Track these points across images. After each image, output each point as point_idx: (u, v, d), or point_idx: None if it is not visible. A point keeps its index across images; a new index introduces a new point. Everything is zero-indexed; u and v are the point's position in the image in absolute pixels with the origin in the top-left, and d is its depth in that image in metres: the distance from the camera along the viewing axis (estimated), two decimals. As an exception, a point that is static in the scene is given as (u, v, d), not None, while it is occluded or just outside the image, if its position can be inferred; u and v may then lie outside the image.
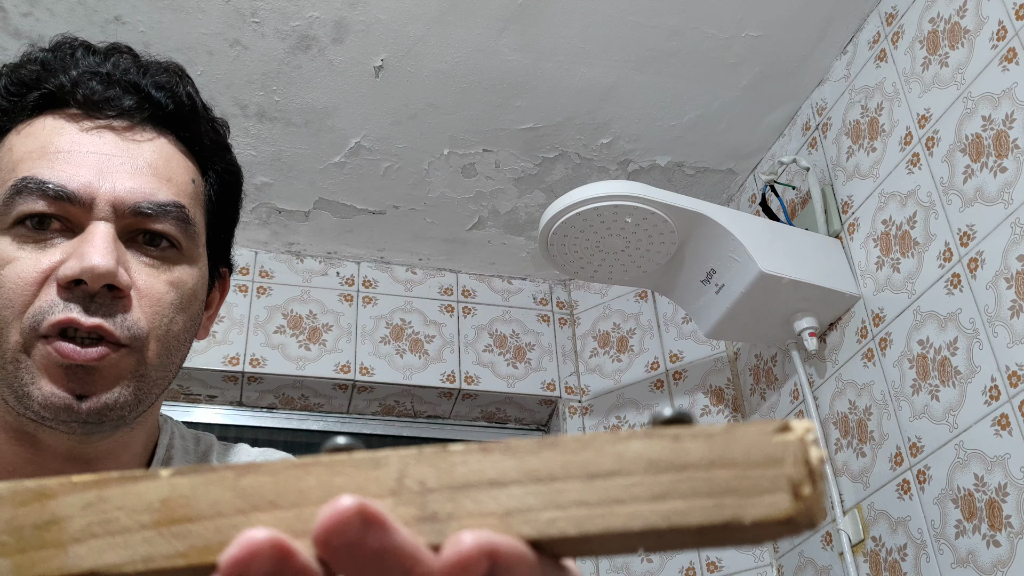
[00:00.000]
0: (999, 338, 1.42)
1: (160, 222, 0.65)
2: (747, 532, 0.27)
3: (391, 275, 2.40)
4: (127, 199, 0.64)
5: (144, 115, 0.67)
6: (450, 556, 0.26)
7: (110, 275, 0.61)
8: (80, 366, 0.61)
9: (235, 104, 1.93)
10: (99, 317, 0.61)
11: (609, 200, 1.67)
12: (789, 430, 0.27)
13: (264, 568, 0.26)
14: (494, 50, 1.86)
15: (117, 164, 0.65)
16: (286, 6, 1.74)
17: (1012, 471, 1.36)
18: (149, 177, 0.66)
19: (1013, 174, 1.44)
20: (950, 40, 1.61)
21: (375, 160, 2.10)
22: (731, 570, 2.00)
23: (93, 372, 0.61)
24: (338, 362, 2.23)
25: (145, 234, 0.65)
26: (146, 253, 0.65)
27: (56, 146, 0.64)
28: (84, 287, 0.61)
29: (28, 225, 0.63)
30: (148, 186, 0.65)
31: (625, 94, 1.98)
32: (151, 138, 0.68)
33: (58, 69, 0.67)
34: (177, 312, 0.66)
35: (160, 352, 0.65)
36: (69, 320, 0.60)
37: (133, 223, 0.65)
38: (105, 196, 0.63)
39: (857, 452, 1.72)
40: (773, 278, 1.70)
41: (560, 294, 2.51)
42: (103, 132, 0.66)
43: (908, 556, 1.55)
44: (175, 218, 0.66)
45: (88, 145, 0.65)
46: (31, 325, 0.61)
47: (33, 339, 0.61)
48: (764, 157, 2.16)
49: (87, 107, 0.66)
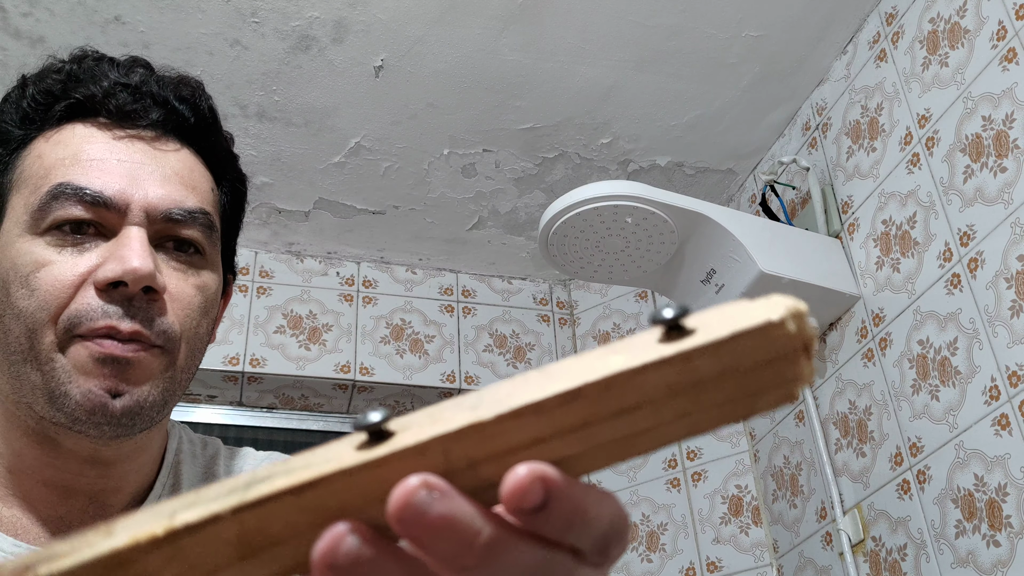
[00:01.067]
0: (999, 338, 1.42)
1: (189, 228, 0.68)
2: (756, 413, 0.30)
3: (391, 275, 2.40)
4: (159, 205, 0.66)
5: (169, 127, 0.70)
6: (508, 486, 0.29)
7: (150, 277, 0.63)
8: (117, 359, 0.62)
9: (235, 104, 1.93)
10: (137, 323, 0.63)
11: (609, 200, 1.67)
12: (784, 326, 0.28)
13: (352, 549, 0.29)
14: (494, 50, 1.86)
15: (148, 172, 0.67)
16: (286, 6, 1.74)
17: (1012, 471, 1.36)
18: (177, 185, 0.68)
19: (1013, 174, 1.44)
20: (950, 40, 1.61)
21: (375, 160, 2.10)
22: (731, 570, 2.00)
23: (129, 367, 0.63)
24: (338, 362, 2.23)
25: (173, 240, 0.68)
26: (175, 258, 0.68)
27: (89, 154, 0.67)
28: (123, 289, 0.63)
29: (65, 230, 0.64)
30: (178, 193, 0.68)
31: (625, 94, 1.98)
32: (176, 148, 0.70)
33: (86, 80, 0.69)
34: (202, 315, 0.69)
35: (187, 354, 0.68)
36: (109, 327, 0.62)
37: (164, 229, 0.67)
38: (139, 202, 0.66)
39: (857, 452, 1.72)
40: (773, 278, 1.70)
41: (560, 294, 2.51)
42: (133, 141, 0.68)
43: (908, 556, 1.55)
44: (202, 224, 0.69)
45: (120, 153, 0.67)
46: (66, 327, 0.62)
47: (68, 340, 0.62)
48: (764, 157, 2.16)
49: (118, 117, 0.69)
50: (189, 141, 0.72)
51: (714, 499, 2.08)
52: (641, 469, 2.19)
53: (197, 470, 0.75)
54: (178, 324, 0.66)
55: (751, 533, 2.01)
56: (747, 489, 2.05)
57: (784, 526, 1.93)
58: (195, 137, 0.72)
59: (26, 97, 0.70)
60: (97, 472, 0.67)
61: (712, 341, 0.28)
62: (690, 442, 2.16)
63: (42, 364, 0.63)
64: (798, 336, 0.28)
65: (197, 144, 0.72)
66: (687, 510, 2.10)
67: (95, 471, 0.67)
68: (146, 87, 0.70)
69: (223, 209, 0.75)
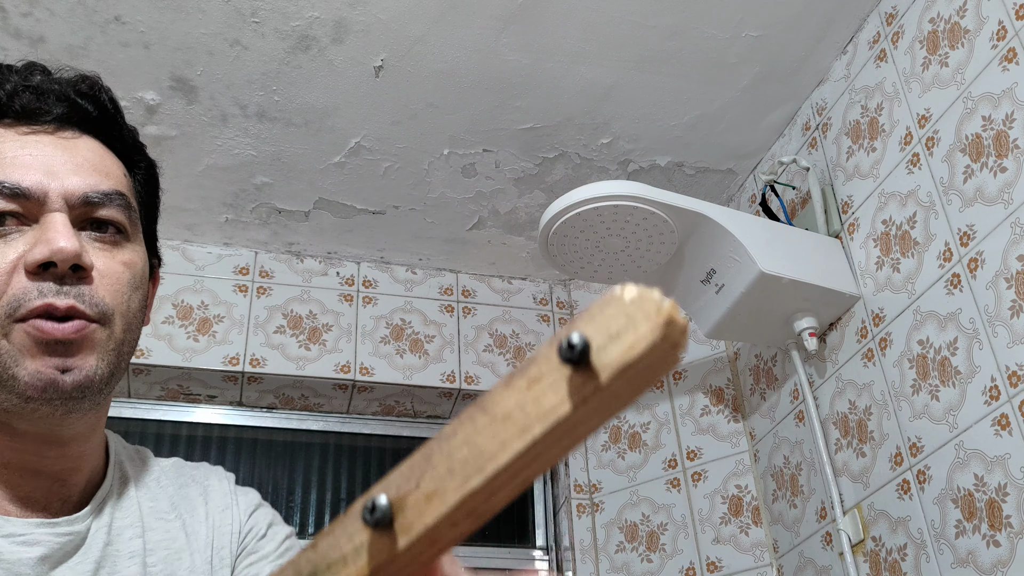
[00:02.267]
0: (999, 338, 1.42)
1: (107, 208, 0.72)
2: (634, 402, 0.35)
3: (391, 275, 2.40)
4: (76, 190, 0.71)
5: (73, 120, 0.75)
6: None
7: (76, 255, 0.67)
8: (60, 341, 0.66)
9: (235, 104, 1.93)
10: (71, 298, 0.67)
11: (609, 200, 1.67)
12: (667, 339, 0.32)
13: None
14: (494, 50, 1.86)
15: (60, 162, 0.72)
16: (286, 6, 1.74)
17: (1012, 471, 1.36)
18: (90, 171, 0.73)
19: (1013, 174, 1.44)
20: (950, 40, 1.61)
21: (375, 160, 2.10)
22: (731, 570, 2.00)
23: (72, 345, 0.67)
24: (338, 362, 2.23)
25: (93, 223, 0.72)
26: (98, 239, 0.72)
27: (2, 153, 0.71)
28: (53, 269, 0.67)
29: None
30: (92, 178, 0.72)
31: (625, 94, 1.98)
32: (86, 140, 0.75)
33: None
34: (133, 290, 0.73)
35: (124, 327, 0.71)
36: (46, 305, 0.66)
37: (83, 212, 0.71)
38: (56, 190, 0.70)
39: (857, 452, 1.71)
40: (773, 278, 1.70)
41: (560, 294, 2.51)
42: (40, 136, 0.73)
43: (908, 556, 1.55)
44: (119, 205, 0.73)
45: (31, 148, 0.72)
46: (6, 312, 0.66)
47: (10, 324, 0.66)
48: (764, 157, 2.16)
49: (24, 116, 0.73)
50: (95, 132, 0.76)
51: (714, 499, 2.08)
52: (641, 469, 2.19)
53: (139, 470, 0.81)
54: (110, 298, 0.70)
55: (751, 533, 2.01)
56: (747, 489, 2.05)
57: (784, 526, 1.93)
58: (100, 128, 0.76)
59: None
60: (56, 453, 0.71)
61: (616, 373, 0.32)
62: (690, 442, 2.16)
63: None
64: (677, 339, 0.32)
65: (103, 135, 0.77)
66: (687, 510, 2.10)
67: (53, 452, 0.71)
68: (46, 85, 0.74)
69: (138, 194, 0.79)
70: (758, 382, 2.08)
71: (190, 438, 2.22)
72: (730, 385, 2.18)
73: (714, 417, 2.16)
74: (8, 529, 0.68)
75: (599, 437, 2.28)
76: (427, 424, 2.38)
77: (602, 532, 2.17)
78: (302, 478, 2.25)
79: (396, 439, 2.35)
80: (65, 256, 0.67)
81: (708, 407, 2.18)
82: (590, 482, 2.23)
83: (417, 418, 2.38)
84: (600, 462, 2.25)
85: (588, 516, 2.20)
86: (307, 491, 2.24)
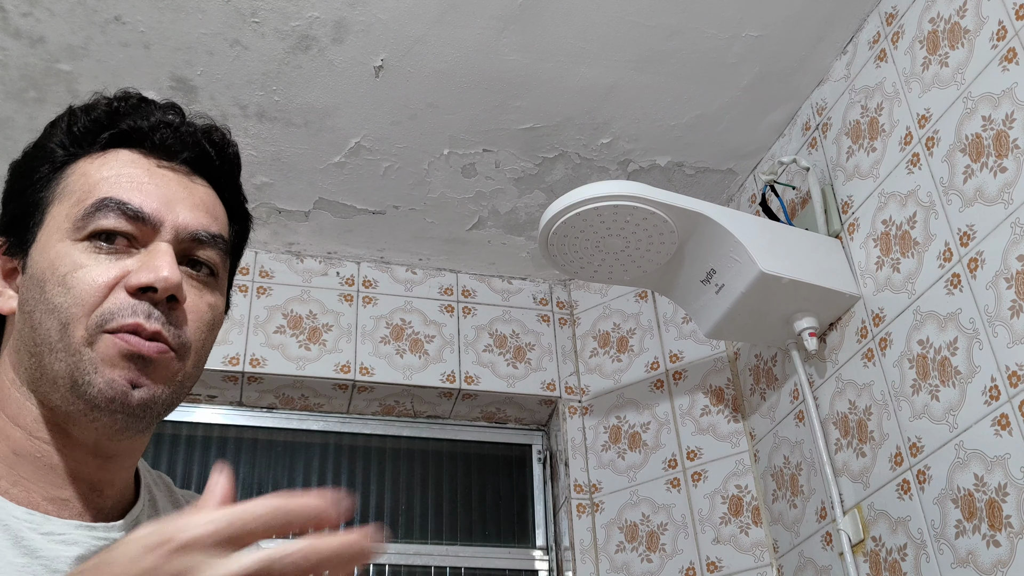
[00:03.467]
0: (999, 338, 1.42)
1: (209, 250, 0.78)
2: None
3: (391, 275, 2.40)
4: (188, 226, 0.76)
5: (199, 165, 0.81)
6: None
7: (176, 287, 0.72)
8: (142, 356, 0.71)
9: (235, 104, 1.93)
10: (159, 324, 0.72)
11: (609, 200, 1.67)
12: None
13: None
14: (494, 50, 1.86)
15: (180, 198, 0.77)
16: (286, 6, 1.74)
17: (1012, 471, 1.36)
18: (204, 212, 0.79)
19: (1013, 174, 1.43)
20: (950, 40, 1.61)
21: (375, 160, 2.10)
22: (731, 570, 2.00)
23: (150, 364, 0.71)
24: (338, 362, 2.23)
25: (193, 261, 0.77)
26: (194, 276, 0.77)
27: (131, 176, 0.77)
28: (151, 294, 0.72)
29: (100, 240, 0.73)
30: (204, 219, 0.78)
31: (625, 94, 1.98)
32: (203, 184, 0.81)
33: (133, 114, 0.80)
34: (210, 331, 0.78)
35: (194, 364, 0.76)
36: (137, 324, 0.71)
37: (188, 248, 0.77)
38: (171, 221, 0.76)
39: (857, 452, 1.71)
40: (773, 278, 1.70)
41: (560, 294, 2.51)
42: (167, 172, 0.79)
43: (908, 556, 1.55)
44: (220, 248, 0.79)
45: (157, 179, 0.78)
46: (98, 323, 0.71)
47: (98, 334, 0.70)
48: (764, 157, 2.16)
49: (158, 150, 0.79)
50: (213, 178, 0.82)
51: (714, 499, 2.08)
52: (641, 469, 2.19)
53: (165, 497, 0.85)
54: (191, 334, 0.75)
55: (751, 533, 2.01)
56: (747, 489, 2.05)
57: (784, 526, 1.93)
58: (218, 177, 0.83)
59: (76, 123, 0.79)
60: (97, 463, 0.75)
61: None
62: (690, 442, 2.16)
63: (71, 355, 0.70)
64: None
65: (218, 183, 0.83)
66: (687, 510, 2.10)
67: (96, 462, 0.74)
68: (184, 128, 0.81)
69: (232, 244, 0.85)
70: (758, 382, 2.08)
71: (190, 438, 2.22)
72: (730, 385, 2.18)
73: (714, 417, 2.16)
74: (48, 527, 0.70)
75: (599, 437, 2.28)
76: (427, 424, 2.38)
77: (602, 532, 2.17)
78: (302, 478, 2.25)
79: (396, 439, 2.35)
80: (167, 285, 0.71)
81: (708, 407, 2.18)
82: (590, 482, 2.23)
83: (417, 418, 2.38)
84: (600, 462, 2.25)
85: (588, 516, 2.20)
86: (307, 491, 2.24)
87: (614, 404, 2.30)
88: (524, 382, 2.33)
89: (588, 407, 2.33)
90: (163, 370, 0.72)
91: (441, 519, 2.29)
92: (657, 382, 2.27)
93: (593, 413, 2.32)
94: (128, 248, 0.74)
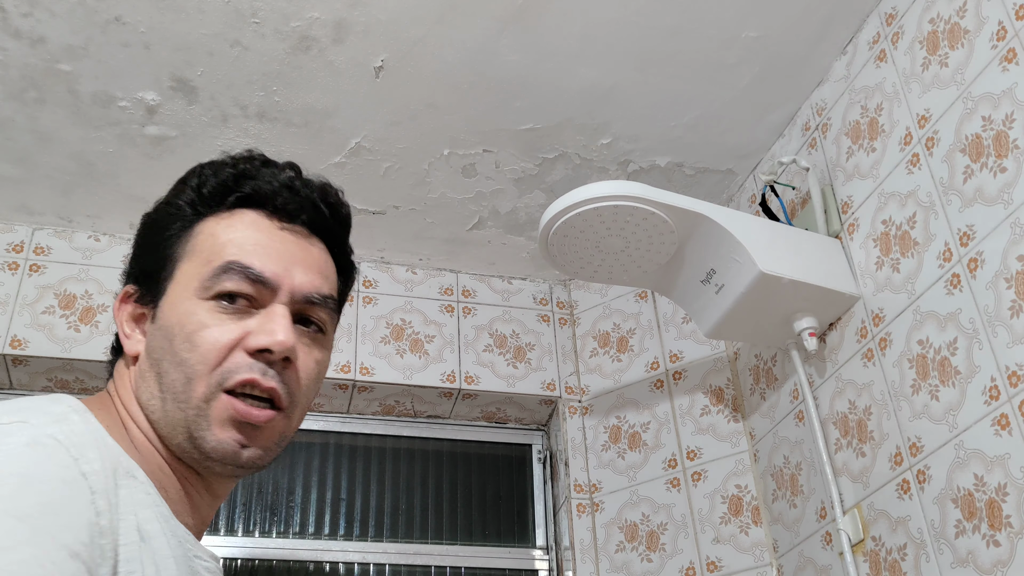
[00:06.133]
0: (999, 338, 1.42)
1: (320, 310, 0.84)
2: None
3: (391, 275, 2.40)
4: (303, 289, 0.82)
5: (315, 225, 0.87)
6: None
7: (291, 350, 0.79)
8: (250, 424, 0.78)
9: (235, 104, 1.93)
10: (274, 382, 0.79)
11: (609, 200, 1.67)
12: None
13: None
14: (494, 50, 1.86)
15: (297, 260, 0.83)
16: (286, 6, 1.74)
17: (1012, 471, 1.36)
18: (317, 274, 0.85)
19: (1013, 174, 1.44)
20: (950, 40, 1.61)
21: (375, 160, 2.10)
22: (731, 570, 2.00)
23: (258, 430, 0.79)
24: (338, 362, 2.23)
25: (304, 319, 0.83)
26: (305, 335, 0.83)
27: (255, 239, 0.83)
28: (268, 355, 0.78)
29: (225, 300, 0.79)
30: (317, 281, 0.84)
31: (625, 94, 1.98)
32: (319, 244, 0.87)
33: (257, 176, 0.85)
34: (316, 385, 0.84)
35: (298, 418, 0.83)
36: (253, 380, 0.77)
37: (301, 308, 0.83)
38: (288, 284, 0.82)
39: (857, 452, 1.72)
40: (773, 278, 1.70)
41: (560, 294, 2.51)
42: (288, 233, 0.85)
43: (908, 556, 1.56)
44: (330, 308, 0.85)
45: (278, 243, 0.83)
46: (218, 381, 0.77)
47: (217, 392, 0.77)
48: (764, 157, 2.16)
49: (280, 212, 0.85)
50: (326, 237, 0.88)
51: (714, 499, 2.08)
52: (641, 469, 2.19)
53: None
54: (300, 391, 0.81)
55: (751, 533, 2.01)
56: (747, 489, 2.05)
57: (784, 526, 1.93)
58: (331, 235, 0.89)
59: (205, 184, 0.85)
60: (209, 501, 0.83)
61: None
62: (690, 442, 2.16)
63: (190, 408, 0.77)
64: None
65: (331, 240, 0.89)
66: (687, 510, 2.10)
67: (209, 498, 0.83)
68: (304, 191, 0.86)
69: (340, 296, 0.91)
70: (758, 382, 2.08)
71: (190, 438, 2.22)
72: (730, 385, 2.18)
73: (714, 417, 2.16)
74: (197, 551, 0.77)
75: (599, 437, 2.28)
76: (427, 424, 2.38)
77: (602, 532, 2.17)
78: (302, 478, 2.25)
79: (396, 439, 2.35)
80: (282, 348, 0.78)
81: (708, 407, 2.18)
82: (590, 482, 2.23)
83: (417, 418, 2.38)
84: (600, 462, 2.25)
85: (588, 516, 2.20)
86: (307, 491, 2.24)
87: (614, 404, 2.30)
88: (524, 382, 2.34)
89: (588, 407, 2.33)
90: (270, 432, 0.80)
91: (441, 519, 2.29)
92: (657, 382, 2.27)
93: (593, 413, 2.32)
94: (248, 308, 0.80)
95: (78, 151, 2.02)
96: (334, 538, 2.19)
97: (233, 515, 2.17)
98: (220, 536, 2.11)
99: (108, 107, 1.92)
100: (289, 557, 2.14)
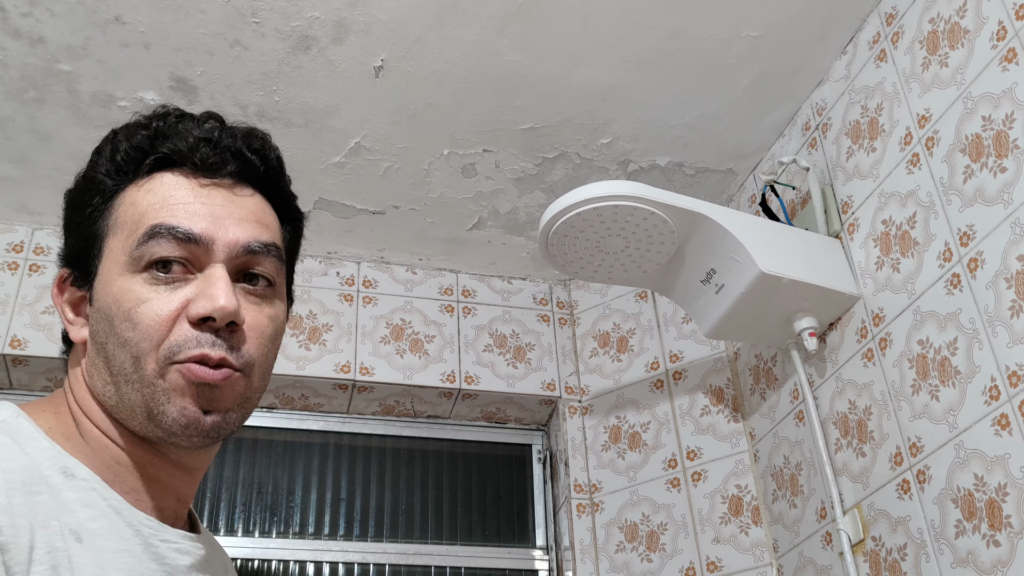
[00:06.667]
0: (999, 338, 1.42)
1: (264, 260, 0.79)
2: None
3: (391, 275, 2.40)
4: (239, 241, 0.78)
5: (243, 175, 0.82)
6: None
7: (235, 314, 0.75)
8: (208, 385, 0.74)
9: (235, 104, 1.93)
10: (223, 351, 0.75)
11: (609, 200, 1.67)
12: None
13: None
14: (494, 50, 1.86)
15: (228, 213, 0.78)
16: (286, 6, 1.74)
17: (1012, 471, 1.36)
18: (253, 223, 0.80)
19: (1013, 174, 1.44)
20: (950, 40, 1.61)
21: (375, 160, 2.10)
22: (731, 570, 2.00)
23: (217, 390, 0.75)
24: (338, 362, 2.23)
25: (248, 275, 0.79)
26: (251, 291, 0.79)
27: (177, 199, 0.78)
28: (212, 323, 0.74)
29: (157, 269, 0.75)
30: (254, 230, 0.79)
31: (625, 94, 1.98)
32: (250, 194, 0.82)
33: (172, 135, 0.80)
34: (272, 343, 0.80)
35: (260, 378, 0.79)
36: (202, 355, 0.74)
37: (242, 263, 0.78)
38: (222, 239, 0.77)
39: (857, 452, 1.72)
40: (773, 278, 1.70)
41: (560, 294, 2.51)
42: (213, 188, 0.80)
43: (908, 556, 1.56)
44: (275, 257, 0.80)
45: (203, 198, 0.78)
46: (166, 355, 0.74)
47: (167, 366, 0.74)
48: (764, 157, 2.16)
49: (200, 168, 0.80)
50: (259, 186, 0.83)
51: (714, 499, 2.08)
52: (641, 469, 2.19)
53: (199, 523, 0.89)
54: (254, 351, 0.77)
55: (751, 533, 2.01)
56: (747, 489, 2.05)
57: (784, 526, 1.93)
58: (264, 183, 0.83)
59: (119, 152, 0.81)
60: (184, 478, 0.80)
61: None
62: (690, 442, 2.16)
63: (144, 387, 0.74)
64: None
65: (265, 189, 0.84)
66: (687, 510, 2.10)
67: (183, 476, 0.80)
68: (224, 142, 0.81)
69: (287, 244, 0.86)
70: (758, 382, 2.08)
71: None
72: (730, 385, 2.18)
73: (714, 417, 2.16)
74: (165, 535, 0.75)
75: (599, 437, 2.28)
76: (427, 424, 2.38)
77: (602, 532, 2.17)
78: (302, 478, 2.25)
79: (396, 439, 2.35)
80: (225, 314, 0.74)
81: (708, 407, 2.18)
82: (590, 482, 2.23)
83: (417, 418, 2.38)
84: (600, 462, 2.25)
85: (588, 516, 2.20)
86: (307, 491, 2.24)
87: (614, 404, 2.30)
88: (524, 382, 2.33)
89: (588, 407, 2.33)
90: (230, 392, 0.76)
91: (441, 519, 2.29)
92: (657, 382, 2.27)
93: (593, 413, 2.32)
94: (185, 274, 0.76)
95: (78, 151, 2.02)
96: (334, 538, 2.19)
97: (233, 515, 2.17)
98: (220, 536, 2.11)
99: (108, 107, 1.92)
100: (289, 557, 2.14)
